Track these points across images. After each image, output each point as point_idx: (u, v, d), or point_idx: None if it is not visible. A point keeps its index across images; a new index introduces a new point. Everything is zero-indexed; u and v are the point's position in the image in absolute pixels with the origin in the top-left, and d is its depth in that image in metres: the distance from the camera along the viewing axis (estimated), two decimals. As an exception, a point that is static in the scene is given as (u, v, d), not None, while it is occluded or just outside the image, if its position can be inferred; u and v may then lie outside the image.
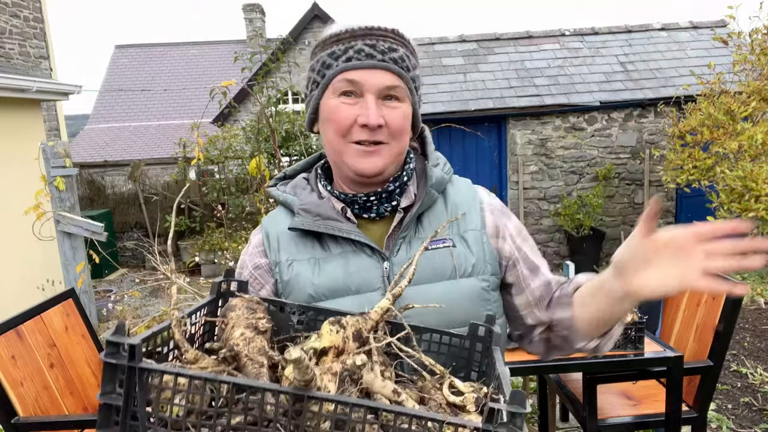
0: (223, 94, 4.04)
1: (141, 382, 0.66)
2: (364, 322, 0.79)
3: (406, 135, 1.00)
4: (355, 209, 1.03)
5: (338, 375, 0.69)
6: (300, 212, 1.01)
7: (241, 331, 0.78)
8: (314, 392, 0.63)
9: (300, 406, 0.63)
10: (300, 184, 1.08)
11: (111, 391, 0.66)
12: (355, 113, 0.94)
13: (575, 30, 8.46)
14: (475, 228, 1.03)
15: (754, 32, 5.28)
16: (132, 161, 11.32)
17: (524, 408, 0.61)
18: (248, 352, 0.75)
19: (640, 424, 2.34)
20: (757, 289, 5.61)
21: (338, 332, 0.75)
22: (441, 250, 0.99)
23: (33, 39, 7.92)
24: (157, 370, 0.66)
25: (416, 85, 1.01)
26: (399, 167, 1.03)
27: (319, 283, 0.98)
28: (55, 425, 2.17)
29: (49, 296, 2.61)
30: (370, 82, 0.93)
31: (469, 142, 7.41)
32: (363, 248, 0.99)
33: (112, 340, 0.66)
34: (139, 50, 19.35)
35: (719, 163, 4.90)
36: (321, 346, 0.73)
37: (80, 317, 2.66)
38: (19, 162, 5.67)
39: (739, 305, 2.30)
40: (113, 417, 0.66)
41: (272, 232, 1.05)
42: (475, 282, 0.99)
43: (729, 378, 3.76)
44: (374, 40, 0.94)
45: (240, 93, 12.37)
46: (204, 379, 0.65)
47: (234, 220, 8.25)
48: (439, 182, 1.04)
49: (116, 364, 0.66)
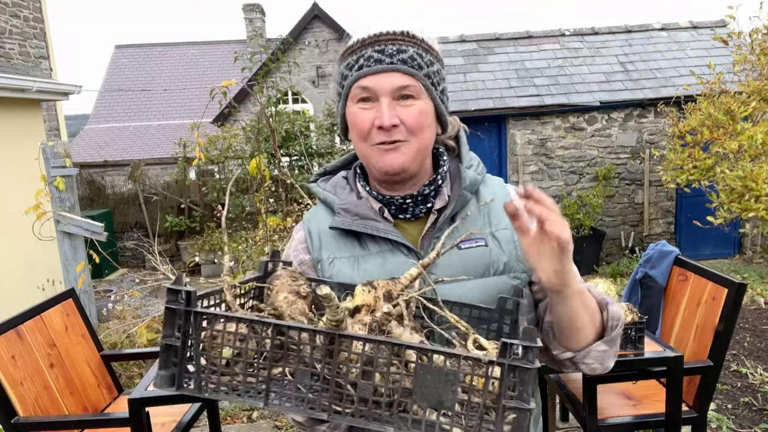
0: (223, 94, 4.04)
1: (196, 325, 0.74)
2: (394, 285, 0.85)
3: (427, 130, 1.02)
4: (392, 210, 1.07)
5: (368, 325, 0.76)
6: (340, 212, 1.06)
7: (284, 295, 0.86)
8: (345, 331, 0.69)
9: (332, 347, 0.70)
10: (340, 183, 1.13)
11: (170, 334, 0.74)
12: (372, 117, 0.98)
13: (575, 30, 8.46)
14: (507, 227, 1.05)
15: (754, 32, 5.27)
16: (132, 161, 11.32)
17: (535, 343, 0.64)
18: (291, 312, 0.82)
19: (640, 424, 2.34)
20: (757, 289, 5.61)
21: (369, 292, 0.82)
22: (474, 249, 1.03)
23: (33, 39, 7.92)
24: (210, 313, 0.74)
25: (434, 81, 1.02)
26: (423, 163, 1.05)
27: (359, 279, 1.01)
28: (55, 425, 2.17)
29: (49, 296, 2.61)
30: (382, 86, 0.97)
31: (469, 142, 7.40)
32: (399, 247, 1.03)
33: (172, 288, 0.74)
34: (139, 50, 19.34)
35: (719, 163, 4.90)
36: (354, 304, 0.80)
37: (80, 317, 2.66)
38: (19, 162, 5.67)
39: (739, 305, 2.30)
40: (172, 358, 0.74)
41: (314, 230, 1.10)
42: (507, 279, 1.02)
43: (729, 378, 3.75)
44: (383, 45, 0.98)
45: (240, 93, 12.37)
46: (249, 321, 0.73)
47: (234, 221, 8.25)
48: (472, 184, 1.07)
49: (175, 309, 0.74)
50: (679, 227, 7.55)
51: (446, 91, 1.07)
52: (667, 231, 7.60)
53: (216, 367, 0.73)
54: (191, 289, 0.73)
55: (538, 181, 7.52)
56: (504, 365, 0.64)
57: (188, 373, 0.74)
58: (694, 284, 2.55)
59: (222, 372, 0.73)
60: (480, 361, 0.66)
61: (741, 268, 6.76)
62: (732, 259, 7.45)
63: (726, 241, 7.44)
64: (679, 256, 2.72)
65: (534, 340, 0.64)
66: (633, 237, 7.57)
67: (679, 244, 7.48)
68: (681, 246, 7.38)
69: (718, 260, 7.30)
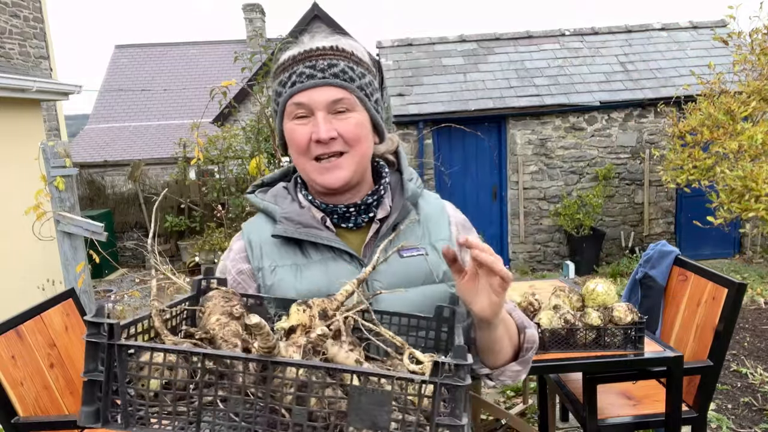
0: (223, 94, 4.04)
1: (120, 359, 0.70)
2: (329, 303, 0.84)
3: (364, 141, 1.04)
4: (334, 219, 1.09)
5: (302, 347, 0.74)
6: (282, 220, 1.06)
7: (216, 317, 0.83)
8: (277, 357, 0.68)
9: (266, 373, 0.68)
10: (281, 193, 1.13)
11: (93, 369, 0.71)
12: (309, 131, 1.00)
13: (575, 30, 8.46)
14: (444, 238, 1.10)
15: (754, 32, 5.27)
16: (132, 161, 11.32)
17: (465, 360, 0.66)
18: (223, 335, 0.80)
19: (640, 424, 2.34)
20: (757, 289, 5.61)
21: (305, 311, 0.81)
22: (415, 257, 1.06)
23: (33, 39, 7.92)
24: (134, 346, 0.71)
25: (367, 92, 1.04)
26: (364, 173, 1.08)
27: (301, 287, 1.02)
28: (55, 425, 2.17)
29: (49, 296, 2.61)
30: (316, 100, 0.99)
31: (469, 142, 7.41)
32: (342, 255, 1.05)
33: (93, 321, 0.70)
34: (139, 50, 19.34)
35: (719, 163, 4.90)
36: (289, 324, 0.79)
37: (80, 317, 2.66)
38: (19, 162, 5.67)
39: (739, 305, 2.30)
40: (96, 393, 0.71)
41: (255, 239, 1.09)
42: (445, 288, 1.06)
43: (729, 378, 3.75)
44: (314, 61, 1.00)
45: (240, 93, 12.35)
46: (177, 351, 0.70)
47: (234, 220, 8.25)
48: (413, 195, 1.11)
49: (97, 343, 0.70)
50: (679, 227, 7.55)
51: (380, 101, 1.10)
52: (667, 231, 7.60)
53: (144, 400, 0.71)
54: (113, 321, 0.70)
55: (538, 181, 7.52)
56: (436, 383, 0.66)
57: (114, 406, 0.71)
58: (694, 284, 2.55)
59: (150, 404, 0.71)
60: (413, 381, 0.67)
61: (741, 268, 6.76)
62: (732, 259, 7.45)
63: (726, 241, 7.44)
64: (679, 256, 2.72)
65: (465, 358, 0.66)
66: (633, 237, 7.57)
67: (679, 244, 7.48)
68: (681, 246, 7.38)
69: (718, 260, 7.30)
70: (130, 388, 0.72)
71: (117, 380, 0.71)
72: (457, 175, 7.31)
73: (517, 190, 7.51)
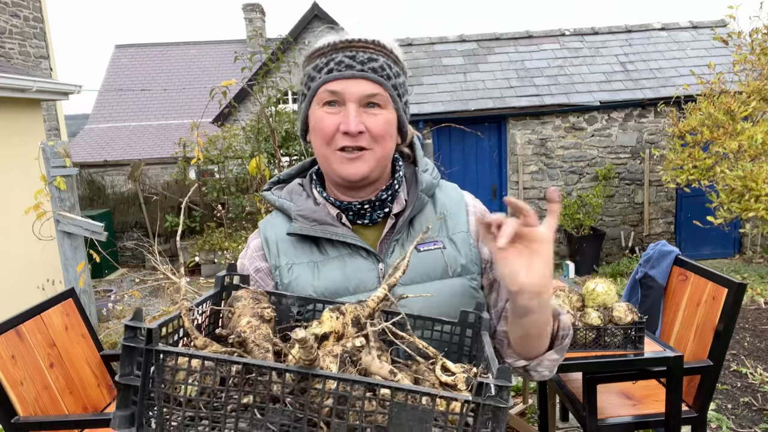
0: (223, 94, 4.04)
1: (157, 364, 0.70)
2: (362, 309, 0.84)
3: (389, 140, 1.03)
4: (350, 216, 1.07)
5: (339, 357, 0.74)
6: (297, 217, 1.05)
7: (247, 320, 0.83)
8: (318, 370, 0.68)
9: (305, 385, 0.68)
10: (296, 190, 1.12)
11: (129, 372, 0.70)
12: (337, 121, 0.98)
13: (575, 30, 8.46)
14: (463, 230, 1.08)
15: (754, 32, 5.27)
16: (132, 161, 11.32)
17: (510, 382, 0.65)
18: (255, 338, 0.79)
19: (640, 424, 2.34)
20: (757, 289, 5.61)
21: (338, 318, 0.80)
22: (432, 251, 1.04)
23: (33, 39, 7.92)
24: (172, 352, 0.70)
25: (399, 92, 1.03)
26: (384, 171, 1.06)
27: (319, 285, 1.02)
28: (55, 425, 2.17)
29: (49, 296, 2.61)
30: (351, 91, 0.98)
31: (469, 142, 7.41)
32: (359, 251, 1.04)
33: (130, 325, 0.70)
34: (138, 50, 19.34)
35: (719, 162, 4.90)
36: (322, 331, 0.78)
37: (80, 317, 2.66)
38: (19, 162, 5.67)
39: (739, 305, 2.30)
40: (131, 397, 0.71)
41: (271, 237, 1.09)
42: (465, 281, 1.04)
43: (729, 378, 3.76)
44: (354, 52, 0.99)
45: (240, 93, 12.37)
46: (216, 359, 0.69)
47: (234, 220, 8.25)
48: (428, 187, 1.09)
49: (134, 347, 0.70)
50: (679, 227, 7.55)
51: (408, 104, 1.09)
52: (667, 231, 7.60)
53: (179, 405, 0.71)
54: (152, 326, 0.70)
55: (538, 181, 7.52)
56: (479, 404, 0.65)
57: (148, 411, 0.71)
58: (694, 284, 2.55)
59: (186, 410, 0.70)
60: (456, 399, 0.67)
61: (741, 268, 6.76)
62: (732, 259, 7.45)
63: (726, 241, 7.44)
64: (679, 256, 2.72)
65: (509, 380, 0.65)
66: (633, 237, 7.57)
67: (679, 244, 7.48)
68: (681, 246, 7.39)
69: (718, 260, 7.30)
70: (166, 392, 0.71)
71: (153, 385, 0.70)
72: (457, 175, 7.30)
73: (517, 190, 7.51)
